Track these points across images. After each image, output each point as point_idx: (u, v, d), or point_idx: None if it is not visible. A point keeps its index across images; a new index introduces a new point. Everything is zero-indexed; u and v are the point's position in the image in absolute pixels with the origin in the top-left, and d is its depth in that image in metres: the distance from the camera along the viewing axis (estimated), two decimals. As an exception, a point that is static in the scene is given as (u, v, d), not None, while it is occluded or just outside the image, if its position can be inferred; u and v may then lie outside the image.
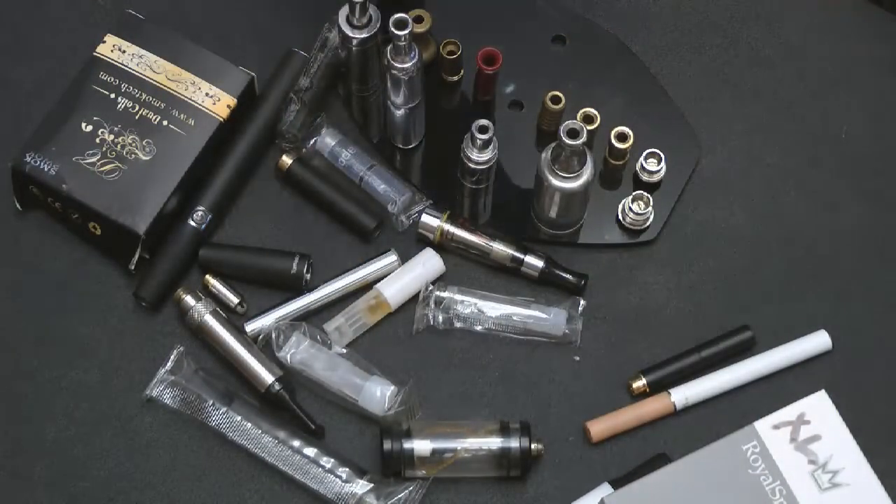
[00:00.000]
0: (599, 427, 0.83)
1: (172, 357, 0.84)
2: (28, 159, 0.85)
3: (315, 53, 0.91)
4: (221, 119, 0.87)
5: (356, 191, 0.89)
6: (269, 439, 0.82)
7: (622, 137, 0.88)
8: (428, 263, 0.87)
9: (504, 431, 0.81)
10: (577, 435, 0.84)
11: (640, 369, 0.85)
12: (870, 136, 0.92)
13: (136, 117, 0.86)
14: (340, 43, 0.88)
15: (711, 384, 0.84)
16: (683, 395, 0.84)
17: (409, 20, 0.82)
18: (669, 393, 0.84)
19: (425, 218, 0.87)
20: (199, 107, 0.87)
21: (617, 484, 0.80)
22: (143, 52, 0.88)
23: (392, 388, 0.82)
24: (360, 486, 0.80)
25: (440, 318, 0.86)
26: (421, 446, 0.81)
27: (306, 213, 0.89)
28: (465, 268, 0.88)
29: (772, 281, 0.88)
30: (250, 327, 0.85)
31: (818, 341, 0.85)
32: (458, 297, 0.86)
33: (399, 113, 0.87)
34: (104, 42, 0.88)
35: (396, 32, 0.82)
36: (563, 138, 0.80)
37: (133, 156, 0.85)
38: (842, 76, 0.94)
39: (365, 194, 0.89)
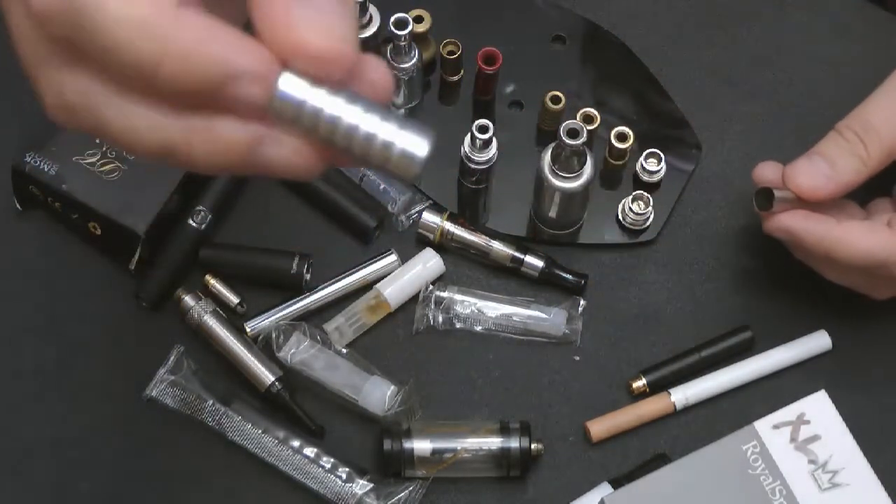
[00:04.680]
0: (599, 427, 0.83)
1: (172, 357, 0.84)
2: (28, 159, 0.85)
3: (315, 53, 0.91)
4: (221, 119, 0.87)
5: (356, 191, 0.89)
6: (269, 439, 0.82)
7: (622, 137, 0.88)
8: (428, 263, 0.87)
9: (504, 431, 0.81)
10: (577, 435, 0.84)
11: (640, 369, 0.85)
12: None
13: (136, 117, 0.86)
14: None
15: (711, 384, 0.84)
16: (683, 395, 0.84)
17: (410, 20, 0.82)
18: (669, 393, 0.84)
19: (425, 218, 0.87)
20: (199, 107, 0.87)
21: (617, 484, 0.80)
22: (143, 52, 0.88)
23: (392, 388, 0.82)
24: (360, 486, 0.80)
25: (440, 318, 0.86)
26: (421, 446, 0.81)
27: (306, 213, 0.89)
28: (465, 268, 0.88)
29: (772, 281, 0.88)
30: (250, 327, 0.85)
31: (818, 341, 0.86)
32: (458, 297, 0.86)
33: (399, 113, 0.88)
34: (104, 42, 0.88)
35: (396, 32, 0.82)
36: (563, 138, 0.80)
37: (133, 156, 0.85)
38: (842, 76, 0.94)
39: (365, 194, 0.89)
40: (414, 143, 0.43)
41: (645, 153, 0.89)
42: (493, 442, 0.81)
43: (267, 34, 0.43)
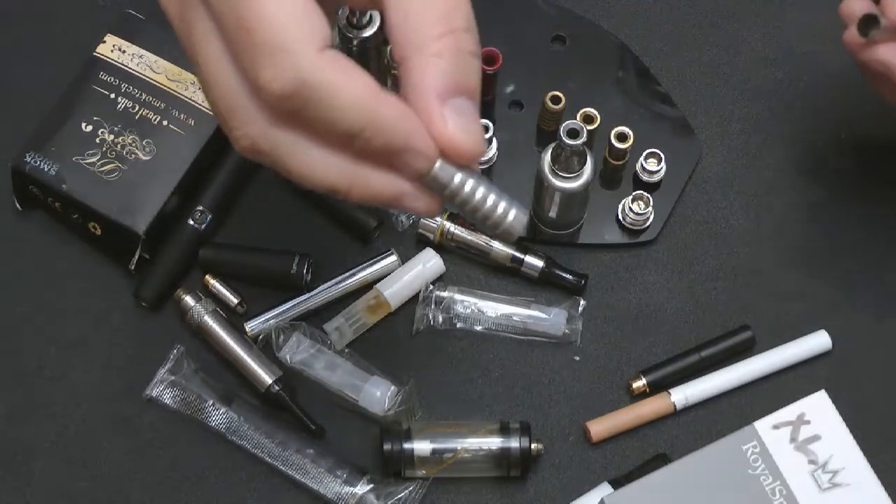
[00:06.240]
0: (599, 427, 0.83)
1: (172, 357, 0.84)
2: (28, 159, 0.85)
3: (315, 53, 0.91)
4: (221, 119, 0.87)
5: (356, 191, 0.89)
6: (269, 439, 0.82)
7: (622, 137, 0.88)
8: (428, 263, 0.87)
9: (504, 431, 0.81)
10: (577, 435, 0.84)
11: (640, 369, 0.85)
12: (870, 137, 0.92)
13: (136, 117, 0.86)
14: (340, 43, 0.88)
15: (711, 384, 0.84)
16: (683, 395, 0.84)
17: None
18: (669, 393, 0.84)
19: (425, 218, 0.87)
20: (200, 107, 0.87)
21: (617, 484, 0.80)
22: (143, 52, 0.88)
23: (392, 388, 0.83)
24: (360, 486, 0.80)
25: (440, 318, 0.86)
26: (421, 446, 0.81)
27: (306, 213, 0.89)
28: (465, 268, 0.88)
29: (772, 281, 0.88)
30: (250, 327, 0.85)
31: (818, 341, 0.86)
32: (458, 297, 0.86)
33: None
34: (104, 42, 0.88)
35: (396, 32, 0.81)
36: (563, 138, 0.80)
37: (133, 156, 0.85)
38: (842, 76, 0.94)
39: (365, 194, 0.89)
40: (521, 211, 0.58)
41: (645, 153, 0.89)
42: (493, 442, 0.81)
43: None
